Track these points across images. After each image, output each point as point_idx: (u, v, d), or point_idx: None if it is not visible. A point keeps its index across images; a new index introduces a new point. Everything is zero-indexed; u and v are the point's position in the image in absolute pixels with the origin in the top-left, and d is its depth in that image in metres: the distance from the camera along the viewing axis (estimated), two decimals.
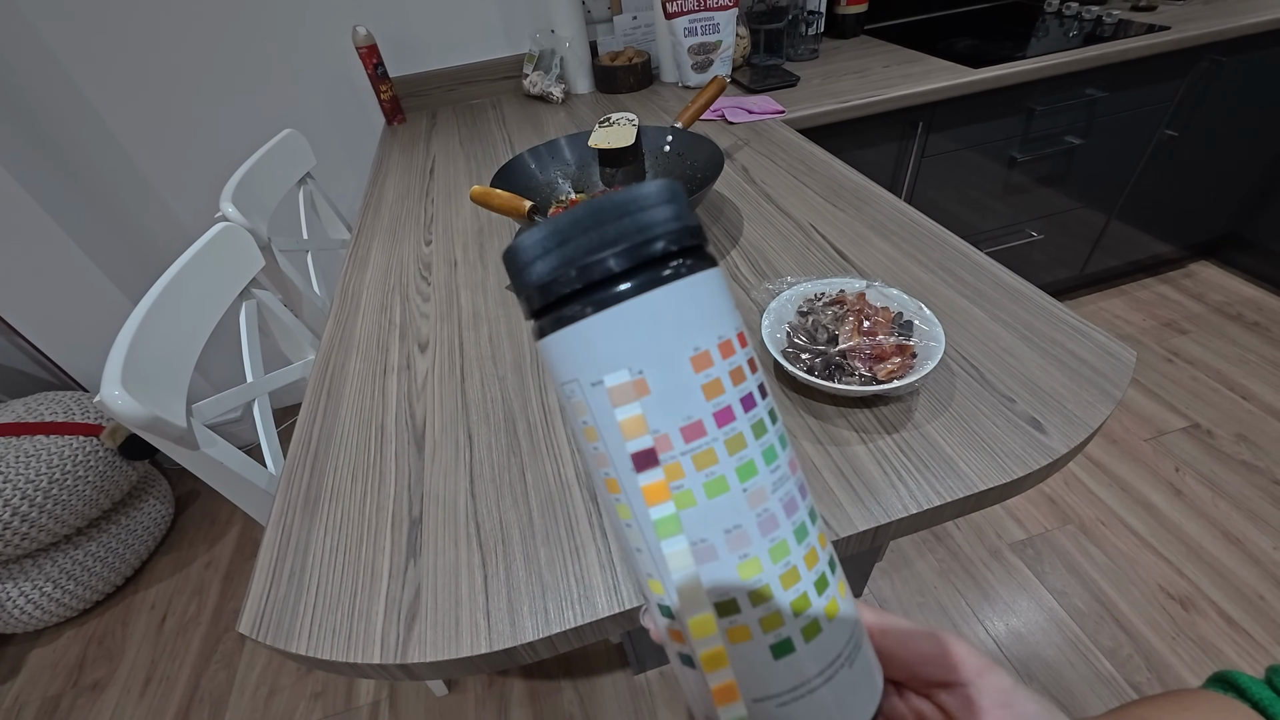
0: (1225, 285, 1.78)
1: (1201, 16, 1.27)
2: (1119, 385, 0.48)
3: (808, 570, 0.17)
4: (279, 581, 0.44)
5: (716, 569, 0.16)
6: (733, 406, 0.16)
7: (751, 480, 0.16)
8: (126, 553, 1.37)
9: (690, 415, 0.15)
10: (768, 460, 0.16)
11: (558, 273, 0.15)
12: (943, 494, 0.42)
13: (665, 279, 0.15)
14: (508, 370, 0.59)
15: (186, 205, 1.38)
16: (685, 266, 0.16)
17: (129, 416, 0.50)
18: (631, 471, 0.16)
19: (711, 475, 0.16)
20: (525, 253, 0.16)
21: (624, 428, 0.15)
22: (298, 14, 1.22)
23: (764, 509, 0.16)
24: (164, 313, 0.61)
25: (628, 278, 0.15)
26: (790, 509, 0.17)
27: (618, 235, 0.15)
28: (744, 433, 0.16)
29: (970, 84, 1.14)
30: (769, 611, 0.16)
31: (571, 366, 0.16)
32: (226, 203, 0.81)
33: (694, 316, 0.16)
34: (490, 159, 1.09)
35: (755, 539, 0.16)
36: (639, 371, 0.15)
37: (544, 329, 0.16)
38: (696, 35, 1.21)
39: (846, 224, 0.73)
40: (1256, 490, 1.26)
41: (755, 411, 0.16)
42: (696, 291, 0.16)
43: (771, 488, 0.16)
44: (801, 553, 0.17)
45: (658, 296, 0.15)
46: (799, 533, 0.17)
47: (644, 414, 0.15)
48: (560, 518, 0.45)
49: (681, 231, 0.16)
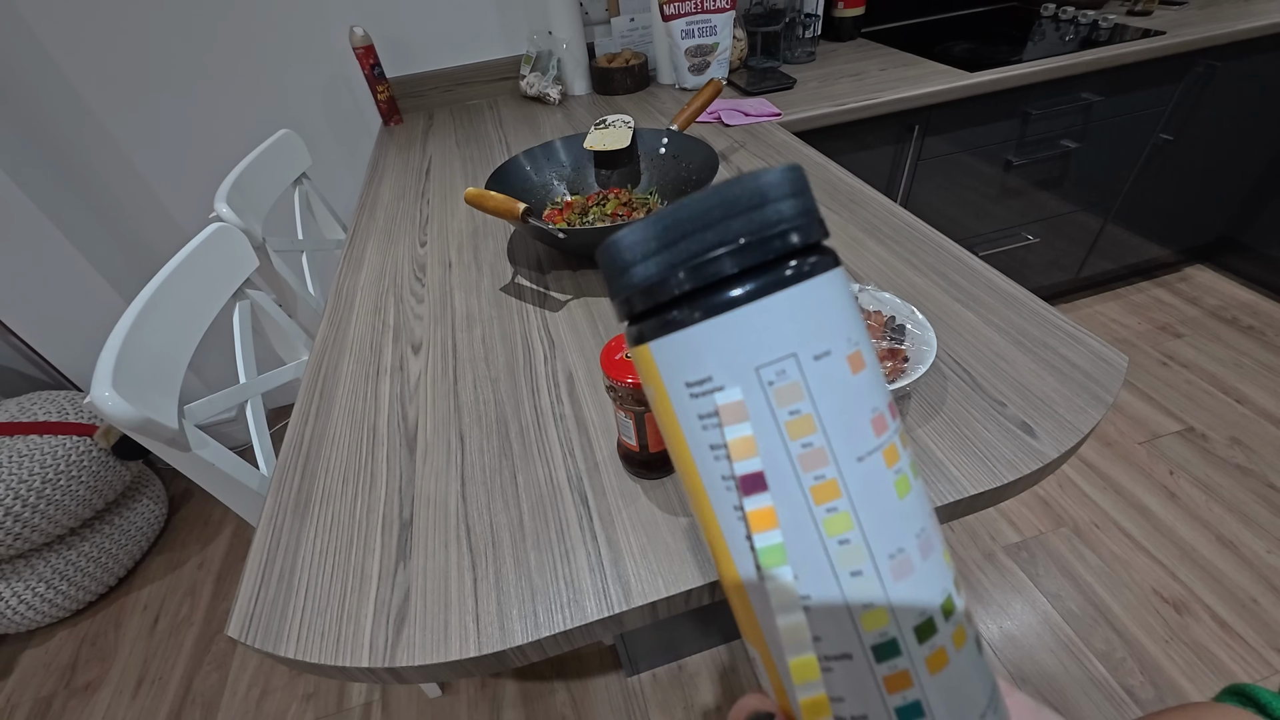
0: (1220, 289, 1.79)
1: (1197, 21, 1.27)
2: (1110, 390, 0.48)
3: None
4: (268, 584, 0.44)
5: (925, 578, 0.14)
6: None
7: (919, 480, 0.15)
8: (119, 553, 1.36)
9: (883, 400, 0.15)
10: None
11: (745, 237, 0.14)
12: (932, 498, 0.42)
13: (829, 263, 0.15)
14: (500, 372, 0.59)
15: (183, 205, 1.37)
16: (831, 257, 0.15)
17: (120, 418, 0.50)
18: (861, 458, 0.14)
19: (900, 472, 0.15)
20: (676, 229, 0.14)
21: (854, 400, 0.14)
22: (295, 14, 1.22)
23: (933, 508, 0.16)
24: (156, 314, 0.61)
25: (806, 255, 0.14)
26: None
27: (792, 212, 0.14)
28: (903, 431, 0.16)
29: (966, 87, 1.14)
30: (956, 625, 0.15)
31: (791, 338, 0.14)
32: (220, 203, 0.80)
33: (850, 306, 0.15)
34: (486, 160, 1.09)
35: (936, 539, 0.15)
36: (857, 344, 0.14)
37: (740, 298, 0.14)
38: (694, 37, 1.21)
39: (841, 227, 0.73)
40: (1250, 494, 1.26)
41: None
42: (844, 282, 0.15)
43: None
44: None
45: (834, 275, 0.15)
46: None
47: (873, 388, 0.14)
48: (551, 521, 0.45)
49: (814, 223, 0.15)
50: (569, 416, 0.53)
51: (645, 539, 0.43)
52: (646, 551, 0.42)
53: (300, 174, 1.07)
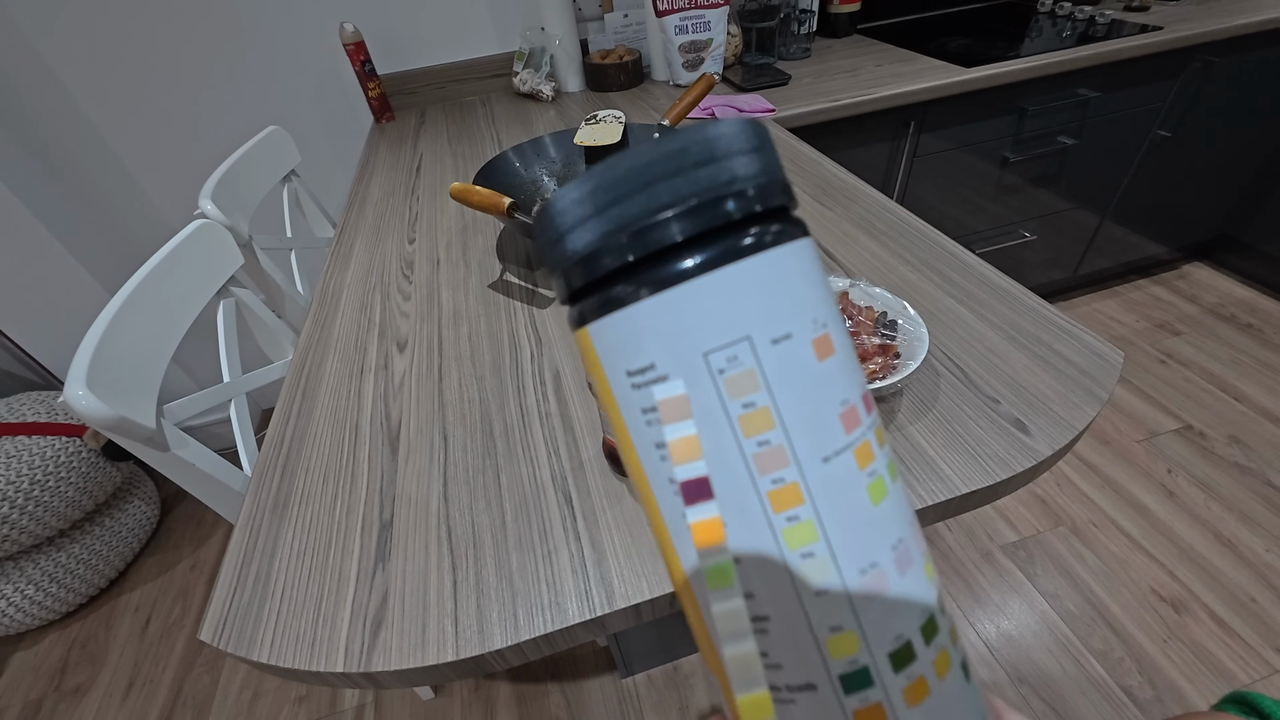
0: (1219, 287, 1.78)
1: (1194, 17, 1.26)
2: (1105, 386, 0.47)
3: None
4: (243, 586, 0.42)
5: (902, 596, 0.13)
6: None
7: (899, 482, 0.14)
8: (110, 554, 1.35)
9: (855, 391, 0.13)
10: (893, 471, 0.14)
11: (705, 197, 0.12)
12: (924, 497, 0.42)
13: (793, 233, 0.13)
14: (486, 370, 0.58)
15: (172, 202, 1.36)
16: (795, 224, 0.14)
17: (93, 417, 0.49)
18: (827, 459, 0.12)
19: (874, 475, 0.13)
20: (613, 188, 0.12)
21: (820, 391, 0.12)
22: (285, 10, 1.20)
23: (913, 514, 0.14)
24: (135, 312, 0.60)
25: (767, 222, 0.13)
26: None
27: (757, 171, 0.13)
28: (880, 428, 0.14)
29: (962, 83, 1.13)
30: (938, 650, 0.13)
31: (744, 320, 0.12)
32: (205, 200, 0.79)
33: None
34: (478, 157, 1.08)
35: (916, 551, 0.13)
36: (824, 326, 0.12)
37: (686, 271, 0.12)
38: (688, 33, 1.20)
39: (834, 223, 0.72)
40: (1249, 492, 1.25)
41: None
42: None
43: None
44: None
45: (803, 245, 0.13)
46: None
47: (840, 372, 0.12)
48: (534, 522, 0.44)
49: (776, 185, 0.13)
50: (555, 415, 0.52)
51: (630, 540, 0.42)
52: (631, 553, 0.41)
53: (289, 171, 1.06)
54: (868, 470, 0.12)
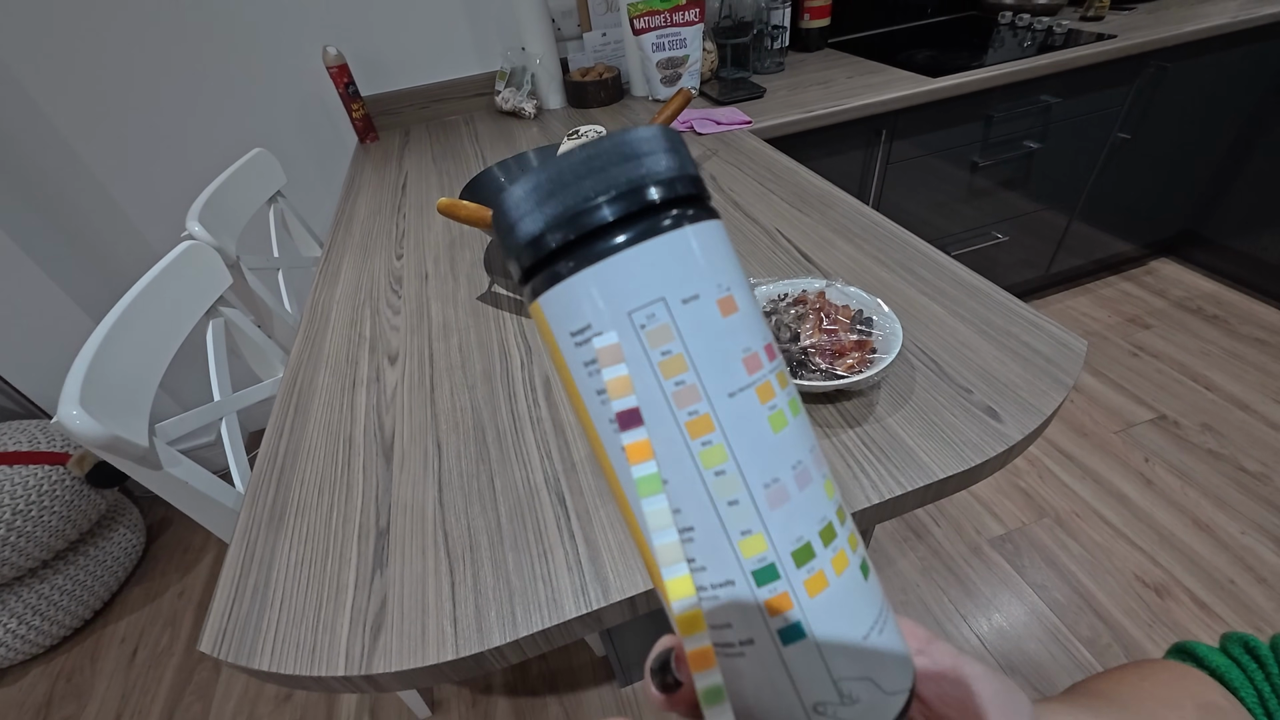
0: (1185, 281, 1.84)
1: (1146, 25, 1.33)
2: (1070, 373, 0.50)
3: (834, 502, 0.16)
4: (242, 597, 0.43)
5: (802, 506, 0.15)
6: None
7: (800, 416, 0.16)
8: (95, 585, 1.32)
9: (758, 341, 0.15)
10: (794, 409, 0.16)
11: (622, 187, 0.14)
12: (904, 484, 0.43)
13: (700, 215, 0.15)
14: (477, 379, 0.60)
15: (155, 226, 1.36)
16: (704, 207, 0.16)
17: (87, 436, 0.49)
18: (733, 394, 0.15)
19: (774, 408, 0.15)
20: (550, 184, 0.15)
21: (724, 341, 0.15)
22: (268, 35, 1.22)
23: (814, 443, 0.16)
24: (126, 332, 0.60)
25: (681, 205, 0.15)
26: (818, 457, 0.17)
27: (671, 165, 0.15)
28: (782, 372, 0.16)
29: (930, 92, 1.18)
30: (836, 551, 0.15)
31: (659, 284, 0.14)
32: (193, 221, 0.80)
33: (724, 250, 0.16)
34: (463, 174, 1.10)
35: (815, 472, 0.16)
36: (728, 289, 0.15)
37: (612, 247, 0.14)
38: (664, 50, 1.23)
39: (811, 228, 0.75)
40: (1223, 478, 1.29)
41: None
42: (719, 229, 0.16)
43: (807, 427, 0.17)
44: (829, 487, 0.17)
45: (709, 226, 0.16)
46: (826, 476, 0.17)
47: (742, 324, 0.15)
48: (529, 523, 0.45)
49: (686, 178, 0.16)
50: (546, 420, 0.54)
51: (623, 535, 0.43)
52: (625, 548, 0.42)
53: (275, 192, 1.07)
54: (769, 405, 0.15)
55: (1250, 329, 1.63)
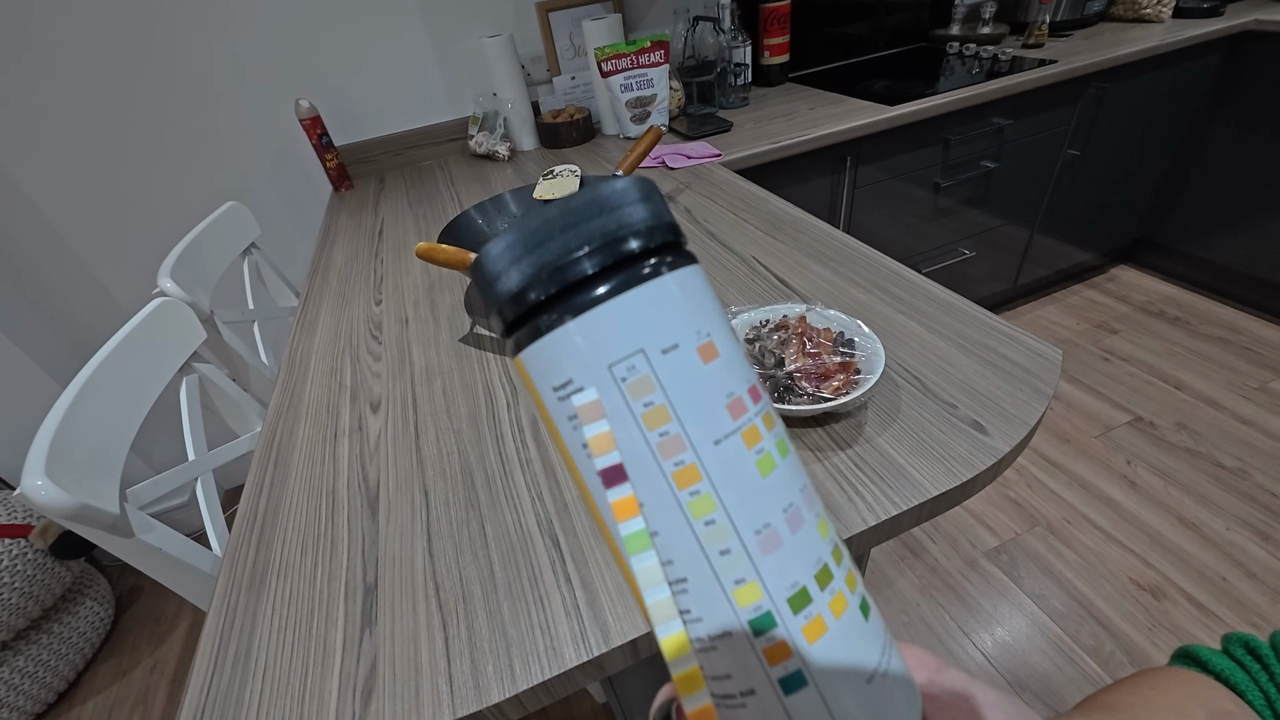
0: (1145, 285, 1.92)
1: (1083, 50, 1.41)
2: (1049, 383, 0.51)
3: (832, 544, 0.16)
4: (221, 670, 0.41)
5: (795, 550, 0.15)
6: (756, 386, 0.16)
7: (789, 457, 0.16)
8: (60, 664, 1.24)
9: (741, 385, 0.15)
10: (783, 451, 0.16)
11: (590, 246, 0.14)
12: (899, 503, 0.43)
13: (677, 262, 0.16)
14: (463, 423, 0.59)
15: (125, 284, 1.34)
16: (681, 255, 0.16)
17: (53, 507, 0.47)
18: (718, 441, 0.14)
19: (762, 451, 0.15)
20: (530, 239, 0.15)
21: (707, 388, 0.15)
22: (239, 90, 1.23)
23: (806, 482, 0.16)
24: (95, 395, 0.58)
25: (657, 254, 0.15)
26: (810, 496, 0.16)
27: (644, 216, 0.15)
28: (769, 413, 0.16)
29: (889, 120, 1.23)
30: (833, 593, 0.15)
31: (637, 336, 0.14)
32: (164, 278, 0.79)
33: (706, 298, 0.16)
34: (439, 217, 1.10)
35: (807, 512, 0.15)
36: (708, 335, 0.15)
37: (590, 301, 0.14)
38: (633, 90, 1.27)
39: (786, 254, 0.76)
40: (1202, 475, 1.32)
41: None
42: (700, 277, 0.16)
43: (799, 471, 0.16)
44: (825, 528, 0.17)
45: (689, 272, 0.16)
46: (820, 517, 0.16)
47: (727, 371, 0.15)
48: (523, 568, 0.44)
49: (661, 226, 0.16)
50: (535, 461, 0.53)
51: (621, 576, 0.42)
52: (623, 589, 0.41)
53: (249, 244, 1.06)
54: (756, 449, 0.15)
55: (1211, 328, 1.70)
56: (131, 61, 1.14)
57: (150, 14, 1.11)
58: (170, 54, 1.16)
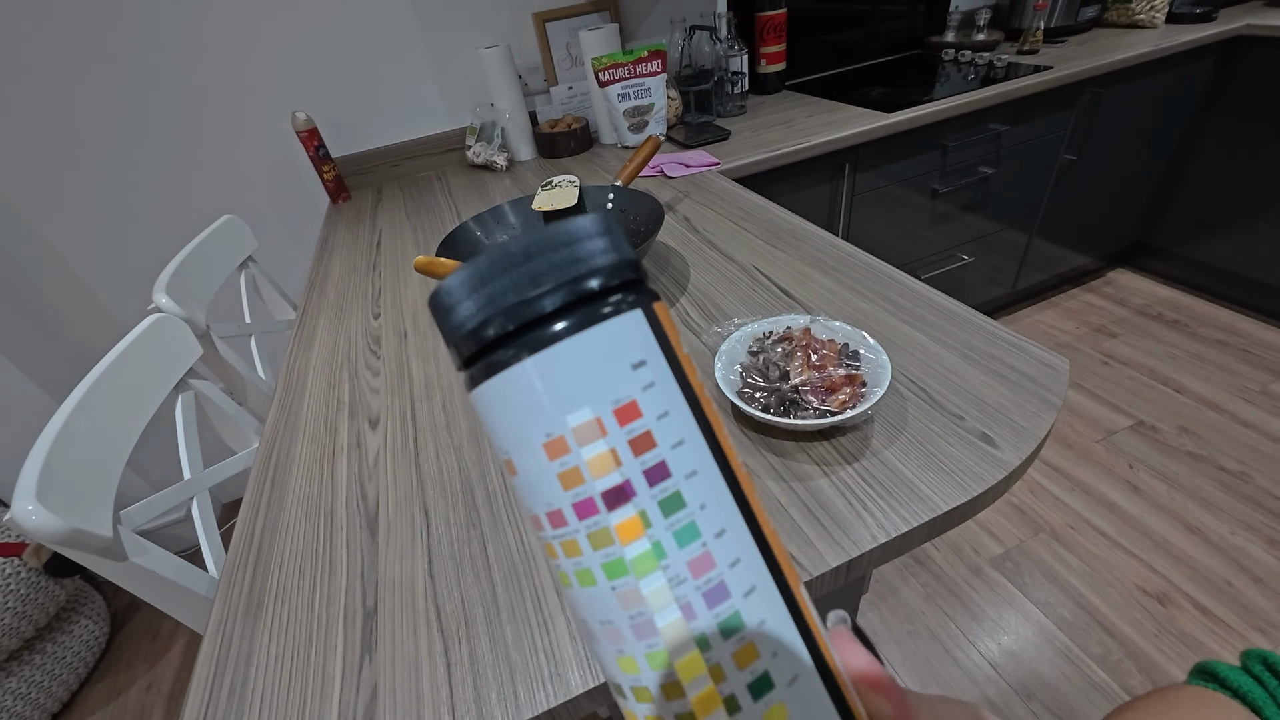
0: (1143, 289, 1.92)
1: (1078, 56, 1.42)
2: (1058, 393, 0.50)
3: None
4: (217, 700, 0.40)
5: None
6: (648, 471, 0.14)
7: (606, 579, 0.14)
8: (53, 685, 1.22)
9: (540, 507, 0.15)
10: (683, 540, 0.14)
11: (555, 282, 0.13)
12: (909, 519, 0.42)
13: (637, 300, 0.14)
14: (463, 439, 0.58)
15: (121, 300, 1.33)
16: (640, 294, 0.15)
17: (44, 532, 0.46)
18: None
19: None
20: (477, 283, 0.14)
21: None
22: (234, 103, 1.23)
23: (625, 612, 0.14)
24: (88, 415, 0.57)
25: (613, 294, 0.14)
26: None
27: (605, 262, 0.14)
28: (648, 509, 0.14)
29: (887, 126, 1.23)
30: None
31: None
32: (160, 293, 0.78)
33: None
34: (437, 229, 1.10)
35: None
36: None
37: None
38: (630, 100, 1.27)
39: (787, 263, 0.76)
40: (1206, 479, 1.31)
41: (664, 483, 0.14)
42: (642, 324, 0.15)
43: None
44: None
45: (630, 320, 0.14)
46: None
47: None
48: (525, 590, 0.43)
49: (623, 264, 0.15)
50: None
51: None
52: None
53: (246, 258, 1.05)
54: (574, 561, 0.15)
55: (1210, 331, 1.70)
56: (126, 75, 1.14)
57: (145, 27, 1.11)
58: (166, 67, 1.15)
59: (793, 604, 0.14)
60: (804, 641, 0.14)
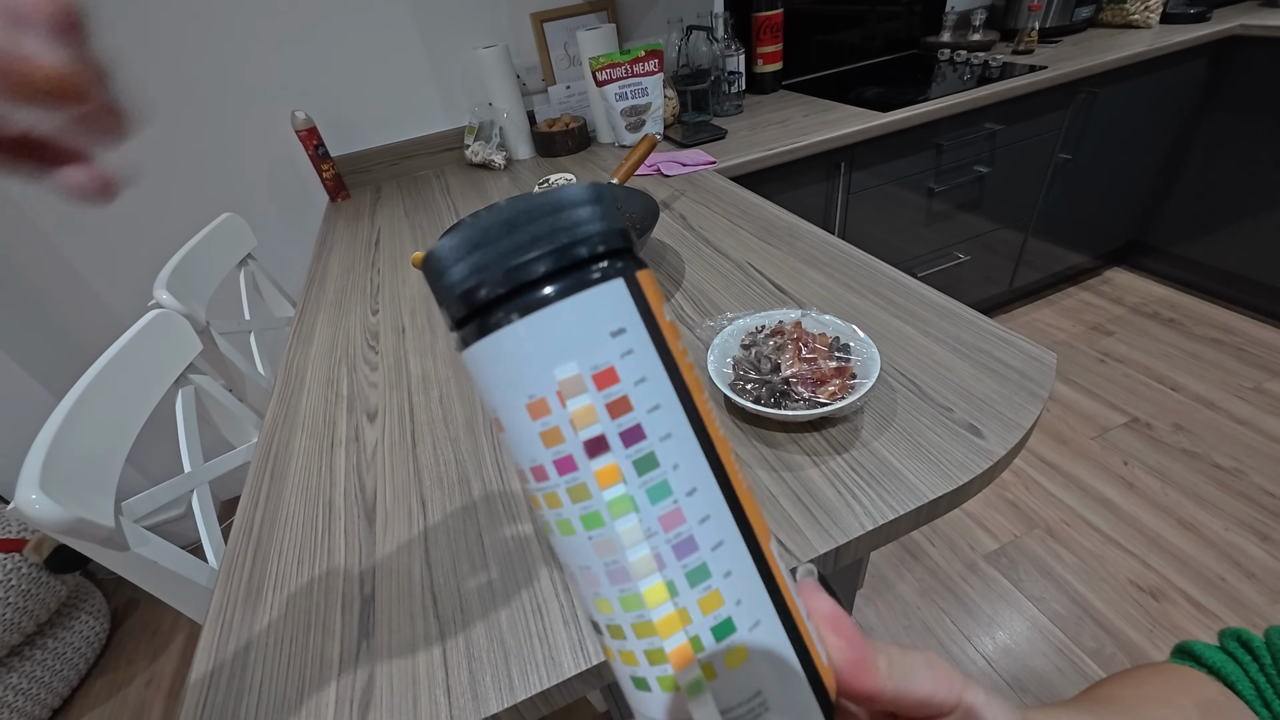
0: (1139, 288, 1.93)
1: (1072, 56, 1.43)
2: (1044, 386, 0.51)
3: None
4: (217, 686, 0.40)
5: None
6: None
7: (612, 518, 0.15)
8: (54, 680, 1.23)
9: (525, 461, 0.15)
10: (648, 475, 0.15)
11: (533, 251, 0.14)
12: (895, 507, 0.43)
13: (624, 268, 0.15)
14: (460, 431, 0.59)
15: (121, 297, 1.33)
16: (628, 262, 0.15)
17: (48, 521, 0.47)
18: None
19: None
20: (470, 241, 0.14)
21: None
22: (235, 102, 1.24)
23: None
24: (90, 408, 0.58)
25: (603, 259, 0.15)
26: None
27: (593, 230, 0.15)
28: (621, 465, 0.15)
29: (882, 126, 1.24)
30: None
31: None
32: (160, 290, 0.79)
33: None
34: (436, 227, 1.10)
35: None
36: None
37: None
38: (627, 99, 1.28)
39: (781, 260, 0.77)
40: (1200, 476, 1.32)
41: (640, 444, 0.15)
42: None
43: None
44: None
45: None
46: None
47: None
48: (520, 576, 0.44)
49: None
50: None
51: None
52: None
53: (245, 255, 1.06)
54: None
55: (1205, 329, 1.71)
56: (127, 74, 1.14)
57: (145, 25, 1.12)
58: (165, 67, 1.16)
59: (759, 557, 0.15)
60: (768, 591, 0.15)
